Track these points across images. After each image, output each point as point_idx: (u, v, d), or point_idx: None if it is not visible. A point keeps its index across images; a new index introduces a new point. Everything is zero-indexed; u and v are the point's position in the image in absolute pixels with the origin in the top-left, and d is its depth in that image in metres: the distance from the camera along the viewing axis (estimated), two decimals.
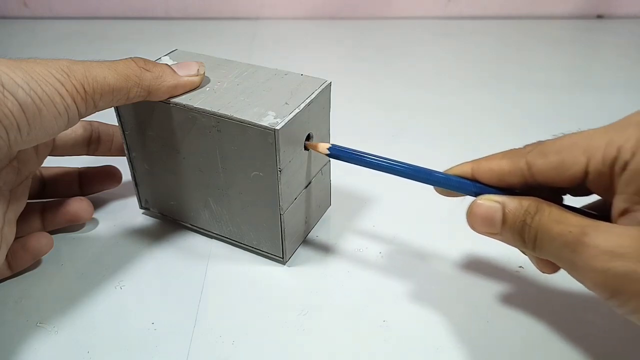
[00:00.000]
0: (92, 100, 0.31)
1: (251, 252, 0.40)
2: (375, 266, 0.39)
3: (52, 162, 0.41)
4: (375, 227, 0.42)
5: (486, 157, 0.32)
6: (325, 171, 0.41)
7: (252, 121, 0.33)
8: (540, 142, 0.30)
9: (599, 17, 0.84)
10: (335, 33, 0.80)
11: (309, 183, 0.39)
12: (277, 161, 0.33)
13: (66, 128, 0.32)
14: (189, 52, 0.41)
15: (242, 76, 0.38)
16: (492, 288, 0.37)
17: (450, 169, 0.33)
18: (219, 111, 0.34)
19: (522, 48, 0.75)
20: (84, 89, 0.30)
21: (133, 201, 0.44)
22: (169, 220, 0.43)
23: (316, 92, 0.36)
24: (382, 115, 0.59)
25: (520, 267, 0.38)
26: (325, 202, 0.43)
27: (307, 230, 0.41)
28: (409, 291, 0.37)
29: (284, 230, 0.37)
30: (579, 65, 0.71)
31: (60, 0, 0.83)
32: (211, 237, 0.41)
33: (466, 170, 0.32)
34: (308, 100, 0.35)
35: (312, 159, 0.38)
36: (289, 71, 0.38)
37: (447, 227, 0.42)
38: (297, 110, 0.34)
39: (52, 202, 0.41)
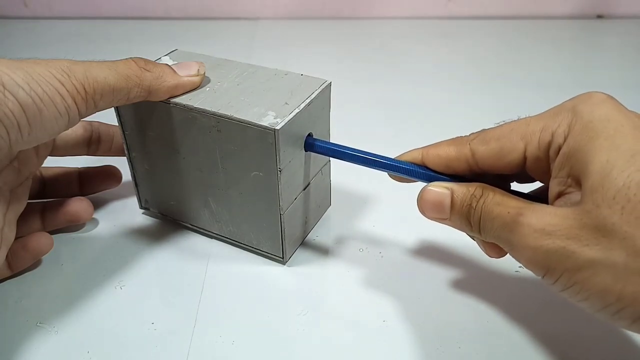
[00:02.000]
0: (92, 101, 0.31)
1: (251, 252, 0.40)
2: (376, 266, 0.39)
3: (52, 162, 0.41)
4: (375, 227, 0.42)
5: (435, 143, 0.33)
6: (325, 171, 0.41)
7: (252, 121, 0.33)
8: (483, 130, 0.31)
9: (599, 17, 0.84)
10: (335, 33, 0.80)
11: (309, 183, 0.38)
12: (277, 161, 0.33)
13: (67, 128, 0.32)
14: (189, 52, 0.41)
15: (242, 76, 0.38)
16: (492, 288, 0.37)
17: (401, 155, 0.34)
18: (219, 111, 0.34)
19: (522, 48, 0.75)
20: (85, 89, 0.30)
21: (133, 201, 0.44)
22: (169, 220, 0.43)
23: (316, 92, 0.36)
24: (382, 115, 0.59)
25: (520, 267, 0.38)
26: (325, 202, 0.43)
27: (307, 231, 0.41)
28: (409, 291, 0.37)
29: (284, 230, 0.37)
30: (579, 65, 0.71)
31: (60, 0, 0.83)
32: (211, 237, 0.41)
33: (416, 157, 0.33)
34: (308, 100, 0.35)
35: (312, 159, 0.38)
36: (289, 71, 0.38)
37: (447, 227, 0.42)
38: (297, 110, 0.34)
39: (52, 202, 0.41)
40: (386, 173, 0.35)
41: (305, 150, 0.36)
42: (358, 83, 0.65)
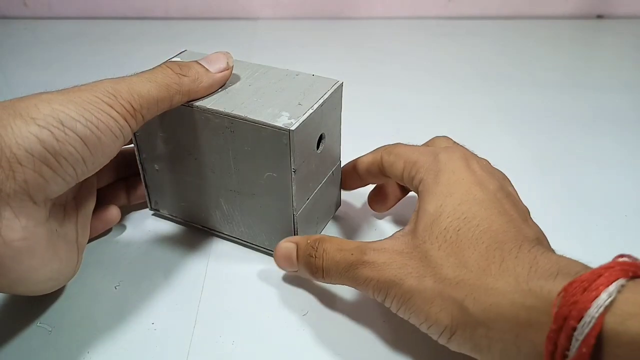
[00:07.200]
0: (140, 115, 0.32)
1: (262, 252, 0.40)
2: None
3: None
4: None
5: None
6: (336, 172, 0.41)
7: (267, 122, 0.33)
8: (399, 143, 0.38)
9: (599, 17, 0.85)
10: (335, 33, 0.80)
11: (321, 183, 0.39)
12: (292, 162, 0.33)
13: (122, 146, 0.32)
14: (199, 53, 0.40)
15: (253, 77, 0.38)
16: None
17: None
18: (233, 112, 0.34)
19: (522, 48, 0.76)
20: (132, 106, 0.31)
21: (143, 203, 0.44)
22: (178, 222, 0.43)
23: (329, 93, 0.36)
24: (381, 115, 0.59)
25: None
26: (336, 203, 0.43)
27: (318, 231, 0.41)
28: None
29: (297, 231, 0.37)
30: (579, 65, 0.71)
31: (60, 0, 0.82)
32: (216, 236, 0.41)
33: (349, 166, 0.41)
34: (321, 101, 0.35)
35: (323, 160, 0.38)
36: (300, 72, 0.38)
37: None
38: (310, 111, 0.34)
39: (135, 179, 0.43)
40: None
41: None
42: (358, 83, 0.65)
